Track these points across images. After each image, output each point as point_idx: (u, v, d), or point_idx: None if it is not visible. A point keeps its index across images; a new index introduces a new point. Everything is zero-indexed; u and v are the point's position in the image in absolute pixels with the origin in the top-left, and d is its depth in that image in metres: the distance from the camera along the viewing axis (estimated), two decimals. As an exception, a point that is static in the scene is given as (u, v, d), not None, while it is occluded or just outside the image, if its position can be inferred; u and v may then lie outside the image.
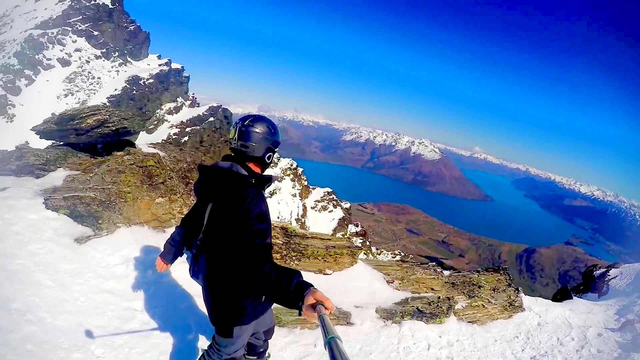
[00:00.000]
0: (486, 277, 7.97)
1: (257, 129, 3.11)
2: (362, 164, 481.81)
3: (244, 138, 3.10)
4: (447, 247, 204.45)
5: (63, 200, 6.29)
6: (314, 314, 2.06)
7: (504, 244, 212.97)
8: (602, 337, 7.00)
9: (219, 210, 3.08)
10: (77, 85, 61.75)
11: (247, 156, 3.15)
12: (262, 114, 3.47)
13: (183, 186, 9.01)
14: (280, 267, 2.44)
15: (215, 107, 61.10)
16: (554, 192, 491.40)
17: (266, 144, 3.16)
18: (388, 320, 6.31)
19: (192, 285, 5.46)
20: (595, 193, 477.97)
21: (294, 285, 2.27)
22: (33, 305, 4.28)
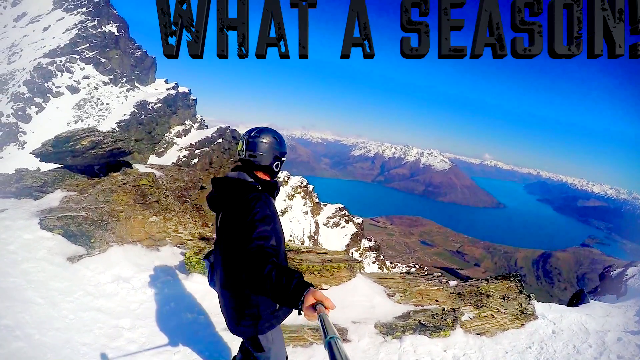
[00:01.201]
0: (495, 286, 7.54)
1: (264, 139, 3.22)
2: (373, 178, 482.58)
3: (252, 148, 3.21)
4: (462, 257, 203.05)
5: (57, 220, 6.51)
6: (314, 313, 2.06)
7: (519, 250, 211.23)
8: (622, 341, 6.46)
9: (227, 218, 3.16)
10: (87, 112, 62.38)
11: (255, 165, 3.24)
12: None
13: (179, 205, 8.99)
14: (282, 267, 2.41)
15: (224, 129, 61.35)
16: (566, 194, 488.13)
17: (273, 153, 3.26)
18: (388, 336, 5.88)
19: (181, 305, 5.79)
20: (609, 192, 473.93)
21: (294, 285, 2.24)
22: (22, 322, 4.39)
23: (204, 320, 5.54)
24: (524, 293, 7.47)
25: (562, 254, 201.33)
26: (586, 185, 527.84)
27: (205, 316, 5.63)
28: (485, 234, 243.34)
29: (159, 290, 6.03)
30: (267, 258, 2.49)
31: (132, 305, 5.59)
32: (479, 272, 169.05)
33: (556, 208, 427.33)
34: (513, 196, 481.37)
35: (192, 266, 6.67)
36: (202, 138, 59.01)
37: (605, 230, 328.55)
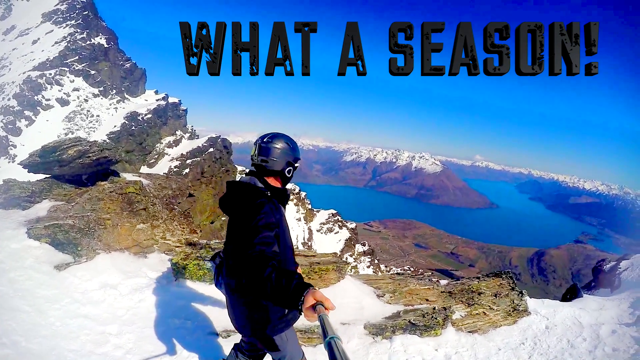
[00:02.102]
0: (487, 283, 7.46)
1: (277, 144, 3.24)
2: (365, 183, 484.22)
3: (264, 153, 3.22)
4: (456, 258, 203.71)
5: (44, 229, 6.47)
6: (314, 314, 2.06)
7: (513, 250, 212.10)
8: (617, 334, 6.38)
9: (235, 222, 3.15)
10: (77, 124, 61.92)
11: (267, 171, 3.25)
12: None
13: (167, 212, 9.00)
14: (281, 270, 2.43)
15: (215, 138, 61.09)
16: (558, 192, 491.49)
17: (286, 158, 3.27)
18: (378, 336, 5.82)
19: (168, 311, 5.74)
20: (600, 188, 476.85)
21: (294, 286, 2.25)
22: (9, 330, 4.39)
23: (191, 326, 5.46)
24: (516, 290, 7.40)
25: (556, 251, 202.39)
26: (577, 182, 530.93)
27: (192, 321, 5.55)
28: (478, 235, 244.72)
29: (146, 297, 5.99)
30: (266, 262, 2.49)
31: (119, 311, 5.56)
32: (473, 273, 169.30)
33: (548, 206, 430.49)
34: (505, 196, 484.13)
35: (179, 272, 6.60)
36: (193, 148, 58.78)
37: (598, 226, 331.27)
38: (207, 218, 48.02)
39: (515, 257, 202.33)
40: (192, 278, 6.54)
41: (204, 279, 6.54)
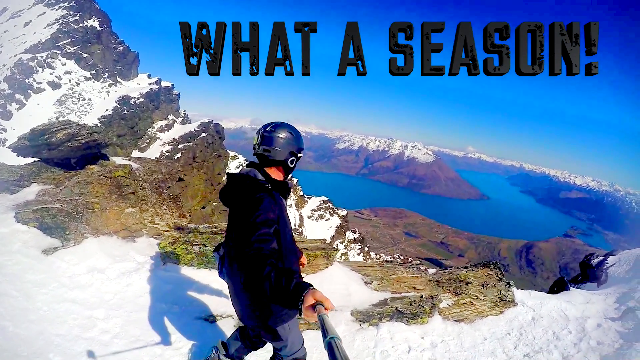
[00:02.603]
0: (475, 273, 7.49)
1: (279, 134, 3.19)
2: (357, 171, 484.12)
3: (266, 143, 3.18)
4: (446, 247, 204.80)
5: (32, 213, 6.35)
6: (313, 314, 2.04)
7: (502, 241, 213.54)
8: (602, 327, 6.42)
9: (234, 215, 3.14)
10: (68, 108, 61.23)
11: (269, 161, 3.22)
12: (254, 126, 3.35)
13: (156, 196, 8.94)
14: (280, 269, 2.40)
15: (207, 123, 60.65)
16: (549, 186, 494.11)
17: (288, 148, 3.21)
18: (364, 323, 5.83)
19: (155, 295, 5.71)
20: (591, 184, 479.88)
21: (293, 286, 2.23)
22: None
23: (178, 310, 5.46)
24: (504, 280, 7.43)
25: (545, 244, 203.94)
26: (568, 177, 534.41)
27: (180, 305, 5.55)
28: (469, 225, 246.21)
29: (133, 281, 5.95)
30: (264, 260, 2.48)
31: (107, 295, 5.52)
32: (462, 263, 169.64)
33: (539, 200, 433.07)
34: (496, 188, 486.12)
35: (167, 256, 6.58)
36: (185, 133, 58.38)
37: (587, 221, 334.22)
38: (198, 203, 47.93)
39: (505, 248, 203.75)
40: (180, 262, 6.52)
41: (192, 263, 6.53)
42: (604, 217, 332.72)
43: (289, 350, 3.49)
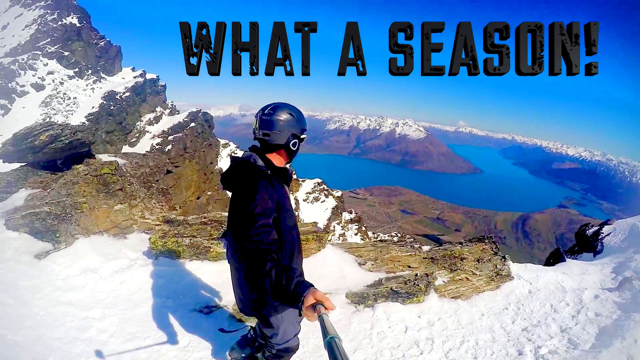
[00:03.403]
0: (469, 248, 7.50)
1: (280, 116, 3.04)
2: (349, 151, 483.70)
3: (265, 126, 3.05)
4: (442, 223, 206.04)
5: (21, 218, 6.44)
6: (314, 314, 2.02)
7: (498, 214, 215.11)
8: (599, 298, 6.41)
9: (233, 201, 3.05)
10: (54, 108, 60.27)
11: (269, 145, 3.10)
12: (242, 113, 3.23)
13: (145, 190, 8.92)
14: (281, 266, 2.37)
15: (195, 112, 60.24)
16: (542, 158, 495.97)
17: (289, 130, 3.07)
18: (360, 305, 5.79)
19: (149, 290, 5.73)
20: (583, 154, 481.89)
21: (294, 286, 2.21)
22: None
23: (173, 304, 5.45)
24: (499, 254, 7.44)
25: (540, 215, 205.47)
26: (560, 148, 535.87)
27: (174, 299, 5.54)
28: (464, 200, 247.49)
29: (127, 278, 5.97)
30: (265, 255, 2.45)
31: (101, 295, 5.55)
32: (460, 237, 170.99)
33: (532, 171, 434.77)
34: (489, 161, 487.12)
35: (158, 250, 6.55)
36: (175, 124, 58.02)
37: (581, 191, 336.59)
38: (192, 194, 47.91)
39: (500, 221, 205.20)
40: (171, 256, 6.50)
41: (184, 256, 6.51)
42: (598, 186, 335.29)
43: (280, 339, 3.46)
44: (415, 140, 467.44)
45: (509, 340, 5.24)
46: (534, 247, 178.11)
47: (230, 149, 72.50)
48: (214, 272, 6.24)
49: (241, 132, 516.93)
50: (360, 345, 4.95)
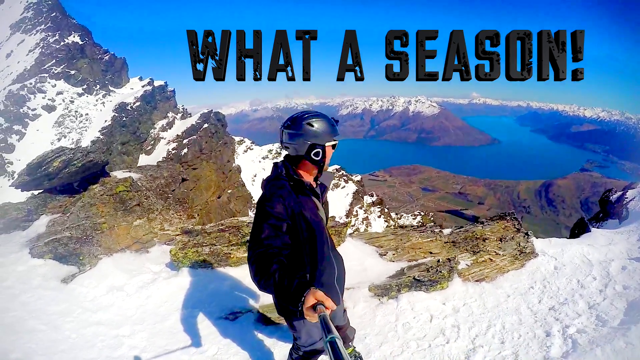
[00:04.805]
0: (491, 228, 7.37)
1: (295, 127, 3.00)
2: (364, 134, 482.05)
3: (284, 138, 3.06)
4: (465, 197, 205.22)
5: (45, 245, 6.64)
6: (314, 314, 2.04)
7: (520, 183, 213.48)
8: (627, 270, 6.24)
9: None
10: (68, 127, 60.76)
11: (291, 157, 3.11)
12: (254, 108, 3.22)
13: (162, 202, 9.03)
14: (285, 267, 2.44)
15: (207, 113, 60.18)
16: (559, 122, 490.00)
17: (307, 141, 2.98)
18: (384, 297, 5.76)
19: (175, 302, 5.81)
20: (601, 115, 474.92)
21: (295, 286, 2.24)
22: (30, 352, 4.55)
23: (198, 313, 5.49)
24: (522, 231, 7.31)
25: (563, 181, 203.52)
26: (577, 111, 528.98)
27: (200, 309, 5.58)
28: (484, 172, 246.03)
29: (152, 292, 6.07)
30: (272, 258, 2.49)
31: (129, 312, 5.66)
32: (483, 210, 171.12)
33: (551, 137, 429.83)
34: (506, 131, 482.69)
35: (180, 261, 6.60)
36: (188, 127, 57.97)
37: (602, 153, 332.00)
38: (213, 194, 48.01)
39: (523, 190, 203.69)
40: (193, 266, 6.54)
41: (205, 265, 6.56)
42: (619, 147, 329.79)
43: (304, 340, 3.45)
44: (430, 116, 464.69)
45: (536, 322, 5.16)
46: (559, 214, 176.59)
47: (246, 144, 72.57)
48: (236, 277, 6.27)
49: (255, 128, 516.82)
50: (386, 339, 4.93)
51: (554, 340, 4.70)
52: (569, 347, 4.55)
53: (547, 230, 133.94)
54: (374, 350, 4.74)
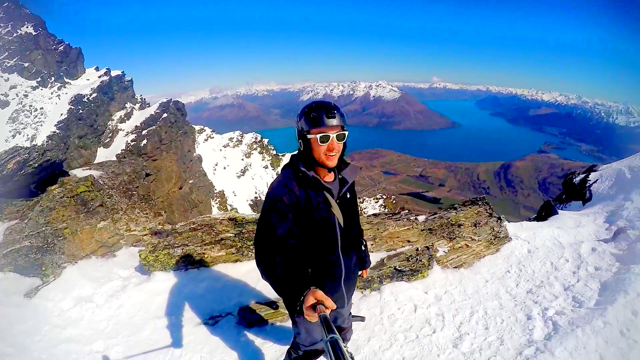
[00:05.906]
0: (465, 213, 7.43)
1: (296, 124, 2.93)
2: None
3: None
4: (425, 179, 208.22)
5: (3, 257, 6.10)
6: (314, 313, 2.01)
7: (479, 165, 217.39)
8: (597, 251, 6.42)
9: None
10: (22, 123, 59.33)
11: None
12: (214, 95, 3.02)
13: (126, 200, 8.63)
14: (288, 264, 2.38)
15: (166, 102, 59.43)
16: (517, 106, 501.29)
17: (297, 132, 2.90)
18: (366, 290, 5.73)
19: (149, 310, 5.53)
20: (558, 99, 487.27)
21: (295, 285, 2.22)
22: None
23: (176, 320, 5.27)
24: (494, 216, 7.40)
25: (521, 162, 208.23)
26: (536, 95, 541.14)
27: (176, 315, 5.36)
28: (444, 155, 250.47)
29: (123, 301, 5.77)
30: (276, 248, 2.49)
31: (101, 325, 5.33)
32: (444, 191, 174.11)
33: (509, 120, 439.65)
34: (466, 114, 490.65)
35: (151, 265, 6.29)
36: (146, 117, 57.09)
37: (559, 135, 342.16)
38: (174, 184, 47.48)
39: (482, 172, 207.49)
40: (165, 269, 6.26)
41: (178, 267, 6.29)
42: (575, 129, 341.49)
43: (304, 338, 3.37)
44: (391, 101, 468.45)
45: (516, 305, 5.23)
46: (517, 194, 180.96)
47: (207, 133, 71.81)
48: (212, 278, 6.07)
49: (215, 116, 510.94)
50: (374, 333, 4.89)
51: (536, 323, 4.78)
52: (550, 329, 4.62)
53: (507, 210, 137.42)
54: (363, 345, 4.69)
